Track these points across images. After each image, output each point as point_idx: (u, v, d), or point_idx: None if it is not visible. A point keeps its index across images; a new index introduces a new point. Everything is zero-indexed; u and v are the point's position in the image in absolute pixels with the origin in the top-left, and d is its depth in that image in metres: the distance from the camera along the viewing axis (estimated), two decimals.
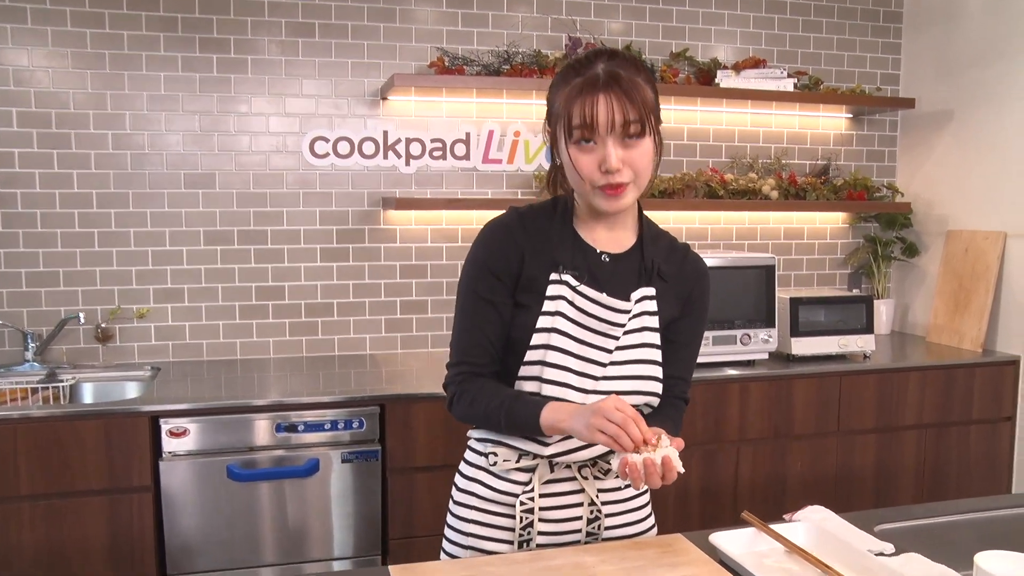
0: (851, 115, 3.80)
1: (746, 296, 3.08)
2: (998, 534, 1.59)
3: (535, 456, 1.55)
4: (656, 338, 1.55)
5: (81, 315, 2.97)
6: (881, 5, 3.80)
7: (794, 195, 3.49)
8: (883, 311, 3.74)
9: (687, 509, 2.94)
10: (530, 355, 1.51)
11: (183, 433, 2.50)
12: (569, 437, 1.52)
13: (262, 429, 2.56)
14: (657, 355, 1.54)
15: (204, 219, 3.11)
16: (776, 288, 3.11)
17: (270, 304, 3.20)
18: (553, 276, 1.51)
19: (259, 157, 3.14)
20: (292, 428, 2.58)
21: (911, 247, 3.76)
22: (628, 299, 1.52)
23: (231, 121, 3.11)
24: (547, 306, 1.50)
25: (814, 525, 1.50)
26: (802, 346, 3.14)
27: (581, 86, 1.41)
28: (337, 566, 2.65)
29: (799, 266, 3.78)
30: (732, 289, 3.06)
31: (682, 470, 1.34)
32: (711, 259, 3.03)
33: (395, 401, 2.64)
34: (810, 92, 3.51)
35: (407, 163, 3.27)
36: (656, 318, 1.55)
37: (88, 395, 2.93)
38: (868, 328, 3.22)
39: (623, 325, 1.51)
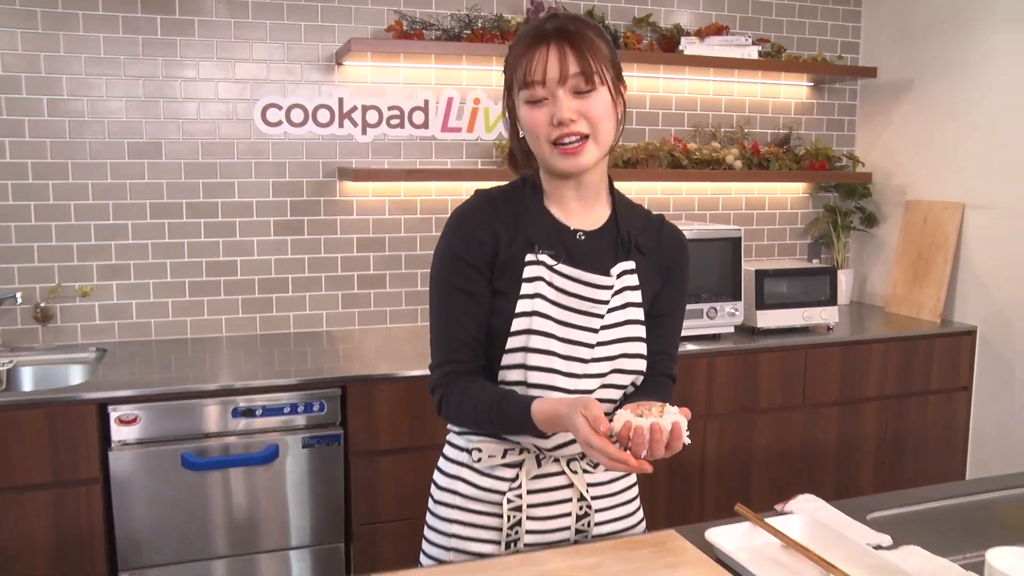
0: (812, 84, 3.76)
1: (712, 269, 3.04)
2: (992, 519, 1.58)
3: (521, 450, 1.49)
4: (640, 314, 1.49)
5: (18, 294, 2.80)
6: None
7: (757, 165, 3.45)
8: (843, 281, 3.75)
9: (654, 486, 2.92)
10: (512, 342, 1.43)
11: (133, 421, 2.37)
12: None
13: (217, 414, 2.45)
14: (642, 331, 1.49)
15: (150, 191, 2.94)
16: (742, 261, 3.07)
17: (222, 280, 3.05)
18: (529, 257, 1.44)
19: (208, 125, 2.98)
20: (249, 413, 2.46)
21: (870, 217, 3.77)
22: (608, 274, 1.46)
23: (177, 87, 2.93)
24: (525, 289, 1.43)
25: (809, 517, 1.46)
26: (767, 319, 3.12)
27: (529, 41, 1.38)
28: (297, 555, 2.56)
29: (760, 236, 3.76)
30: (698, 262, 2.96)
31: (688, 441, 1.26)
32: None
33: (357, 382, 2.55)
34: (774, 60, 3.46)
35: (363, 132, 3.14)
36: (639, 292, 1.49)
37: (28, 380, 2.77)
38: (832, 300, 3.21)
39: (606, 302, 1.45)
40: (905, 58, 3.58)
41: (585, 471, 1.52)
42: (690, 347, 2.93)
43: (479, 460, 1.50)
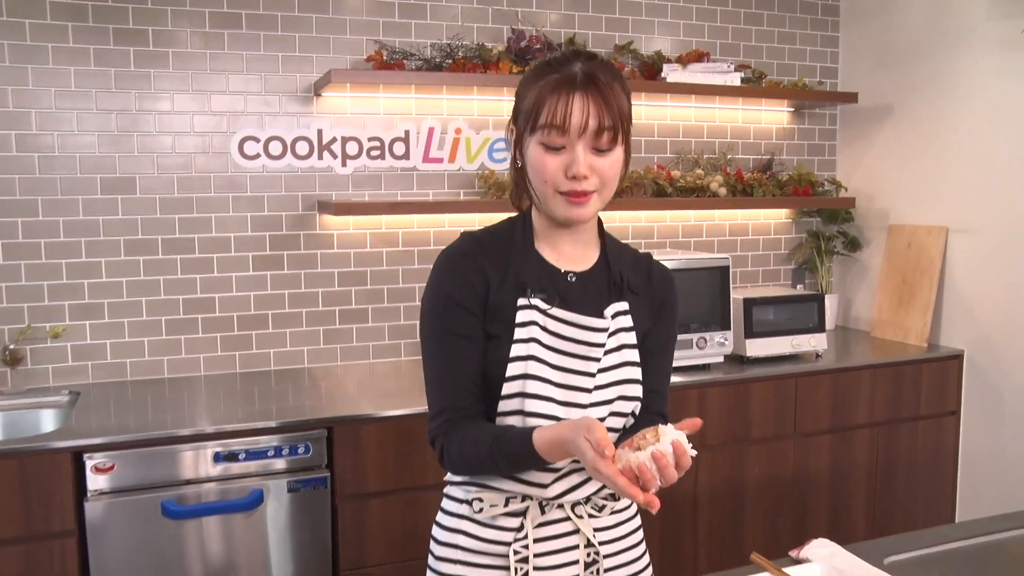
0: (792, 109, 3.76)
1: (700, 299, 3.01)
2: (1012, 558, 1.53)
3: (524, 498, 1.42)
4: (635, 355, 1.46)
5: None
6: None
7: (741, 191, 3.43)
8: (828, 306, 3.72)
9: (647, 518, 2.85)
10: (508, 388, 1.39)
11: (110, 468, 2.27)
12: (568, 475, 1.42)
13: (198, 460, 2.35)
14: (639, 372, 1.46)
15: (124, 227, 2.85)
16: (731, 289, 3.04)
17: (199, 317, 2.96)
18: (521, 301, 1.40)
19: (183, 159, 2.90)
20: (232, 457, 2.37)
21: (853, 241, 3.76)
22: (603, 316, 1.43)
23: (151, 120, 2.85)
24: (519, 334, 1.40)
25: (828, 565, 1.41)
26: (756, 347, 3.08)
27: (556, 82, 1.32)
28: None
29: (744, 263, 3.74)
30: (686, 291, 2.96)
31: (694, 452, 1.21)
32: (664, 261, 2.94)
33: (343, 423, 2.47)
34: (756, 87, 3.45)
35: (343, 163, 3.08)
36: (633, 333, 1.46)
37: None
38: (820, 327, 3.19)
39: (603, 345, 1.41)
40: (884, 83, 3.59)
41: (591, 515, 1.46)
42: (680, 378, 2.88)
43: (480, 511, 1.44)
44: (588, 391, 1.40)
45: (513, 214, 1.51)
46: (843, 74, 3.82)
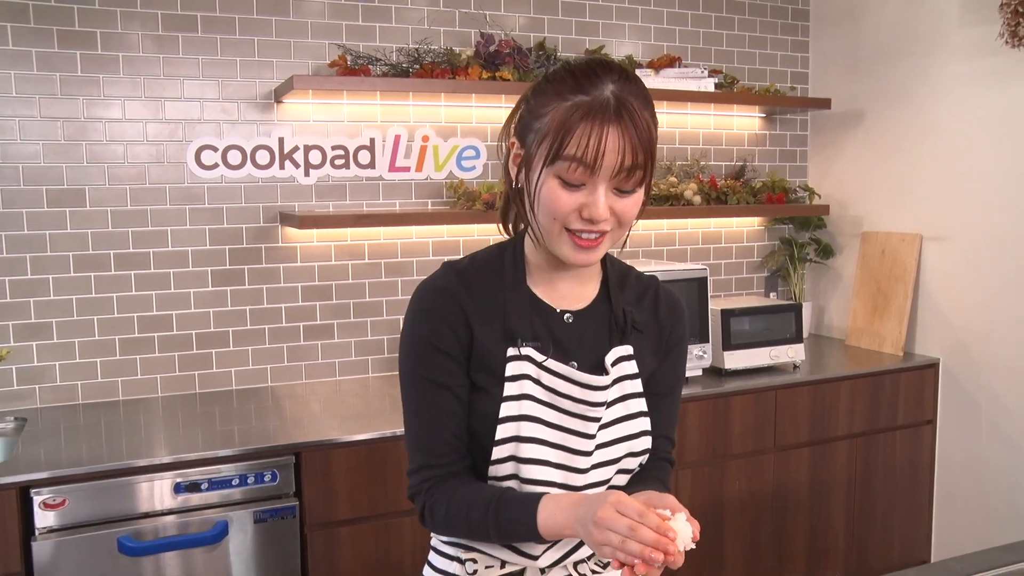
0: (764, 115, 3.71)
1: None
2: None
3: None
4: (642, 404, 1.31)
5: None
6: (789, 2, 3.73)
7: (715, 199, 3.37)
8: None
9: None
10: (498, 451, 1.24)
11: (60, 504, 2.12)
12: (557, 543, 1.29)
13: (158, 491, 2.21)
14: (646, 423, 1.31)
15: (74, 242, 2.69)
16: (709, 300, 2.97)
17: (156, 336, 2.80)
18: (511, 352, 1.25)
19: (136, 169, 2.74)
20: (194, 487, 2.23)
21: (826, 248, 3.72)
22: (604, 370, 1.28)
23: (101, 128, 2.69)
24: (509, 389, 1.24)
25: None
26: (734, 360, 3.01)
27: (587, 109, 1.13)
28: None
29: (718, 271, 3.68)
30: None
31: (694, 546, 1.11)
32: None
33: (311, 449, 2.34)
34: (729, 92, 3.39)
35: (306, 173, 2.94)
36: (638, 381, 1.31)
37: None
38: (798, 337, 3.13)
39: (603, 404, 1.27)
40: (854, 89, 3.55)
41: (594, 572, 1.34)
42: None
43: (474, 572, 1.31)
44: (588, 454, 1.27)
45: (503, 236, 1.38)
46: (813, 79, 3.78)
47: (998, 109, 3.00)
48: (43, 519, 2.10)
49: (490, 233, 3.12)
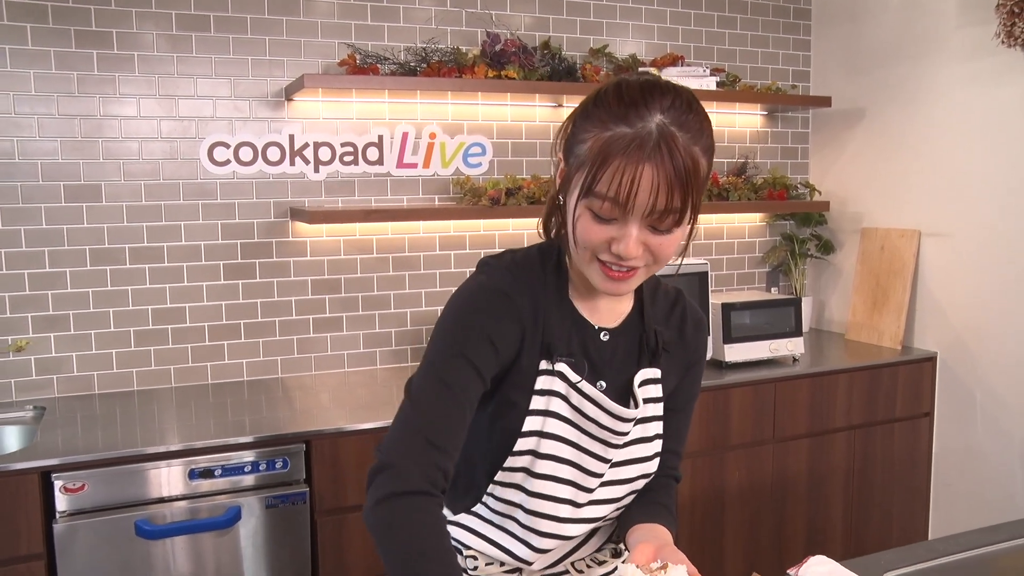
0: (765, 112, 3.77)
1: None
2: (1008, 570, 1.53)
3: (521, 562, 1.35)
4: (659, 427, 1.31)
5: None
6: (791, 2, 3.78)
7: (717, 196, 3.42)
8: (802, 309, 3.73)
9: None
10: (512, 461, 1.24)
11: (79, 488, 2.19)
12: (549, 551, 1.33)
13: (173, 477, 2.28)
14: (659, 446, 1.33)
15: (90, 236, 2.76)
16: (710, 295, 3.03)
17: (169, 328, 2.88)
18: (543, 366, 1.22)
19: (150, 165, 2.81)
20: (207, 474, 2.30)
21: (826, 244, 3.77)
22: (632, 398, 1.27)
23: (117, 125, 2.77)
24: (536, 403, 1.22)
25: None
26: (735, 352, 3.07)
27: (626, 143, 1.06)
28: None
29: (720, 266, 3.73)
30: None
31: None
32: None
33: (321, 437, 2.41)
34: (731, 90, 3.45)
35: (316, 169, 3.01)
36: (660, 405, 1.31)
37: None
38: (797, 331, 3.19)
39: (626, 434, 1.26)
40: (855, 87, 3.61)
41: (589, 567, 1.40)
42: None
43: (475, 568, 1.35)
44: (599, 476, 1.27)
45: (508, 231, 1.42)
46: (815, 78, 3.84)
47: (995, 108, 3.05)
48: (63, 503, 2.18)
49: (496, 228, 3.20)
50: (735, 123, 3.71)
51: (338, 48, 2.99)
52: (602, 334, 1.28)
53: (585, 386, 1.23)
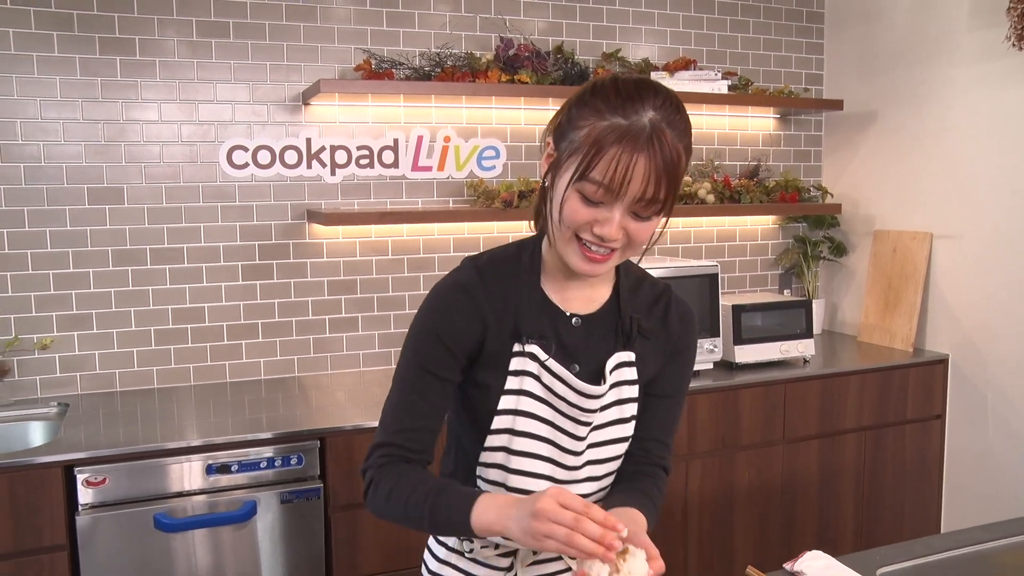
0: (778, 115, 3.79)
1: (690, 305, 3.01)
2: (1002, 567, 1.55)
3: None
4: (634, 409, 1.36)
5: None
6: (804, 5, 3.80)
7: (729, 198, 3.45)
8: (815, 311, 3.75)
9: None
10: (492, 440, 1.32)
11: (101, 482, 2.26)
12: None
13: (191, 472, 2.34)
14: (632, 428, 1.38)
15: (112, 237, 2.84)
16: (720, 296, 3.06)
17: (189, 327, 2.95)
18: (516, 348, 1.30)
19: (171, 168, 2.88)
20: (224, 469, 2.37)
21: (839, 247, 3.79)
22: (602, 372, 1.32)
23: (139, 129, 2.84)
24: (511, 383, 1.30)
25: None
26: (745, 354, 3.10)
27: (622, 133, 1.14)
28: None
29: (732, 268, 3.76)
30: None
31: None
32: (654, 270, 2.94)
33: (335, 434, 2.47)
34: (742, 94, 3.47)
35: (332, 172, 3.07)
36: (635, 387, 1.36)
37: None
38: (808, 332, 3.21)
39: (595, 411, 1.32)
40: (868, 90, 3.62)
41: None
42: None
43: (471, 550, 1.40)
44: (577, 454, 1.34)
45: (521, 233, 1.44)
46: (828, 81, 3.86)
47: (1005, 110, 3.06)
48: (85, 496, 2.25)
49: (509, 230, 3.25)
50: (748, 126, 3.74)
51: (354, 53, 3.05)
52: (573, 320, 1.34)
53: (553, 364, 1.30)
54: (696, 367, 3.01)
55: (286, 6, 2.96)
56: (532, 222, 1.39)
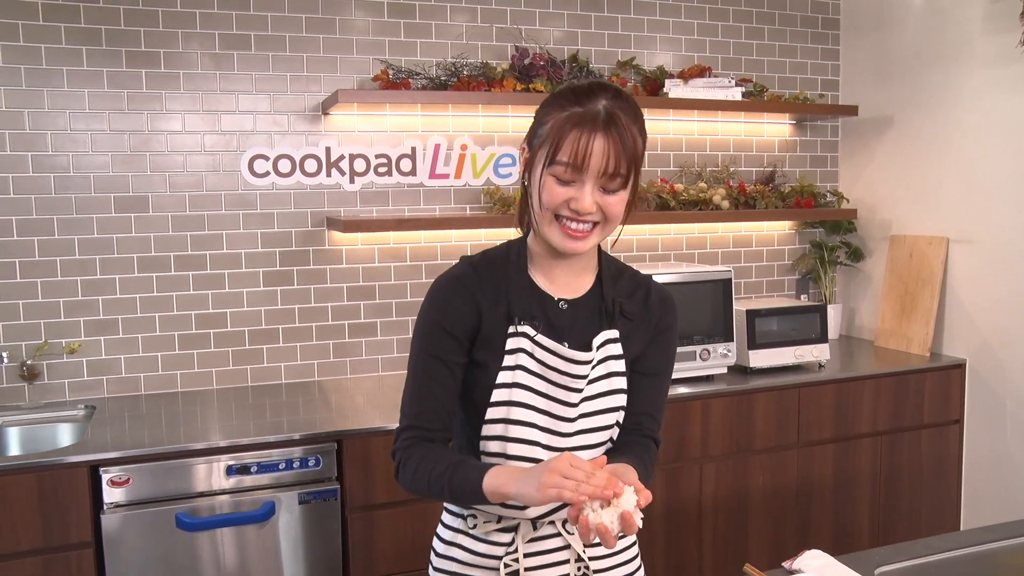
0: (794, 121, 3.81)
1: (703, 310, 3.05)
2: (1002, 567, 1.57)
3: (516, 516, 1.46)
4: (623, 382, 1.48)
5: (3, 353, 2.76)
6: (819, 11, 3.82)
7: (744, 204, 3.48)
8: (831, 316, 3.76)
9: (651, 531, 2.90)
10: (492, 412, 1.43)
11: (125, 482, 2.33)
12: None
13: (212, 472, 2.41)
14: (624, 399, 1.48)
15: (137, 245, 2.92)
16: (733, 301, 3.08)
17: (211, 332, 3.02)
18: (510, 329, 1.43)
19: (194, 177, 2.96)
20: (244, 470, 2.43)
21: (856, 252, 3.80)
22: (589, 347, 1.45)
23: (163, 140, 2.92)
24: (507, 361, 1.43)
25: (818, 575, 1.45)
26: (759, 358, 3.12)
27: (580, 117, 1.32)
28: None
29: (748, 274, 3.78)
30: (689, 304, 3.02)
31: (640, 524, 1.24)
32: (667, 275, 2.99)
33: (352, 437, 2.52)
34: (757, 101, 3.50)
35: (351, 180, 3.14)
36: (622, 361, 1.48)
37: (15, 440, 2.71)
38: (823, 337, 3.23)
39: (585, 377, 1.43)
40: (885, 95, 3.63)
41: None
42: (684, 389, 2.92)
43: (475, 527, 1.48)
44: (570, 420, 1.44)
45: (514, 236, 1.55)
46: (844, 87, 3.87)
47: (1021, 114, 3.06)
48: (110, 495, 2.32)
49: None
50: (763, 132, 3.76)
51: (372, 64, 3.12)
52: (560, 303, 1.47)
53: (544, 339, 1.43)
54: (710, 371, 3.04)
55: (306, 19, 3.03)
56: (518, 227, 1.55)
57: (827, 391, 3.11)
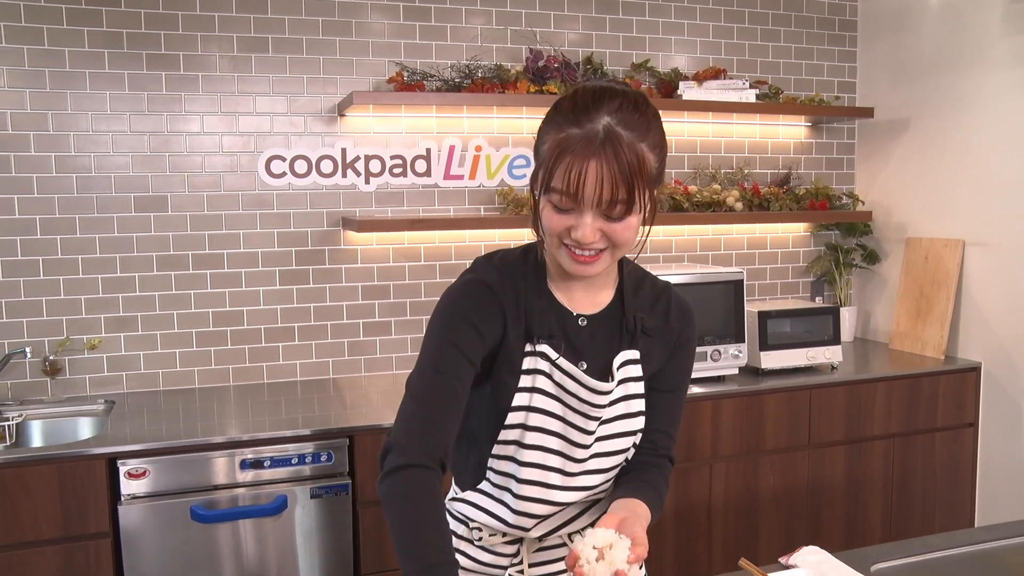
0: (810, 124, 3.81)
1: (715, 311, 3.06)
2: (1000, 566, 1.57)
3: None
4: (641, 404, 1.42)
5: (27, 348, 2.82)
6: (836, 13, 3.82)
7: (758, 206, 3.48)
8: (846, 318, 3.76)
9: (661, 531, 2.91)
10: (505, 434, 1.37)
11: (142, 474, 2.38)
12: (554, 514, 1.44)
13: (226, 466, 2.46)
14: (641, 423, 1.43)
15: (157, 243, 2.98)
16: (745, 302, 3.09)
17: (228, 330, 3.08)
18: (528, 347, 1.35)
19: (212, 178, 3.02)
20: (258, 464, 2.47)
21: (871, 254, 3.79)
22: (611, 376, 1.37)
23: (182, 141, 2.98)
24: (523, 381, 1.35)
25: (815, 571, 1.46)
26: (771, 360, 3.13)
27: (573, 142, 1.20)
28: None
29: (763, 276, 3.78)
30: (701, 305, 3.02)
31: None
32: (679, 276, 3.01)
33: (364, 432, 2.56)
34: (772, 103, 3.50)
35: (367, 181, 3.18)
36: (640, 384, 1.41)
37: (37, 433, 2.78)
38: (835, 339, 3.22)
39: (604, 406, 1.37)
40: (901, 98, 3.63)
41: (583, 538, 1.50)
42: (695, 390, 2.94)
43: (479, 539, 1.47)
44: (586, 447, 1.38)
45: (528, 236, 1.48)
46: (860, 89, 3.86)
47: None
48: (128, 487, 2.37)
49: None
50: (779, 134, 3.76)
51: (388, 66, 3.16)
52: (580, 319, 1.39)
53: (564, 363, 1.35)
54: (720, 372, 3.05)
55: (323, 21, 3.08)
56: (533, 229, 1.43)
57: (839, 393, 3.11)
